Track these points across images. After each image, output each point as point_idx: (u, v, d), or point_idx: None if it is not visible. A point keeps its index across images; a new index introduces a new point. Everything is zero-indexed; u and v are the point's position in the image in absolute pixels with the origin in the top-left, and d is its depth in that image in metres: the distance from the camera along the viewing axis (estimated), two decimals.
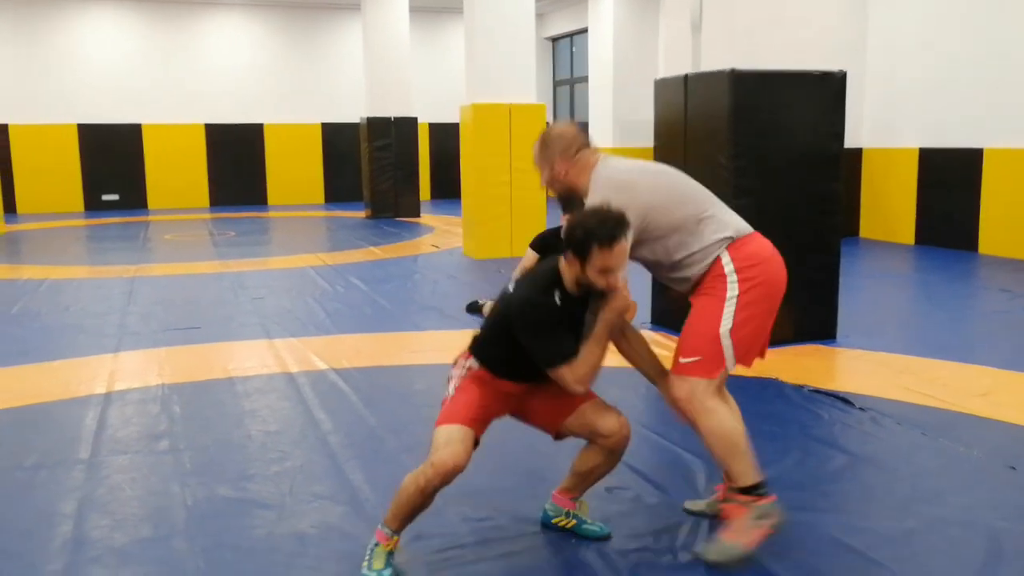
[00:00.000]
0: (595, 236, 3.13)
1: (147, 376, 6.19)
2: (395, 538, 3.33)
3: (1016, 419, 5.03)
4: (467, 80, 12.00)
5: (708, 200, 3.55)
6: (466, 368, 3.51)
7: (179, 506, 4.04)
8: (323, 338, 7.24)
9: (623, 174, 3.52)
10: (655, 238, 3.46)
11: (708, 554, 3.39)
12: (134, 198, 19.73)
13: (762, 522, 3.34)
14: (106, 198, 19.51)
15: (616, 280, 3.23)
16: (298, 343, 7.04)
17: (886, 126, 12.80)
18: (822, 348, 6.61)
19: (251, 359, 6.60)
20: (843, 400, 5.39)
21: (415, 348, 6.97)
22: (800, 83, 6.23)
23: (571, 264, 3.27)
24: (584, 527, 3.64)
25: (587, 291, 3.30)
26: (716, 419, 3.36)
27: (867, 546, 3.50)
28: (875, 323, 7.43)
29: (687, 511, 3.89)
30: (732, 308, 3.35)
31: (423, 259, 11.91)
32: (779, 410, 5.09)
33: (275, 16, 20.70)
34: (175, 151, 19.89)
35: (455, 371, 3.53)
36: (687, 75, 6.64)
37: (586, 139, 3.62)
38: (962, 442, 4.68)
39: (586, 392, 3.36)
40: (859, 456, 4.52)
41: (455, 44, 21.32)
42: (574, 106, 22.67)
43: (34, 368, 6.47)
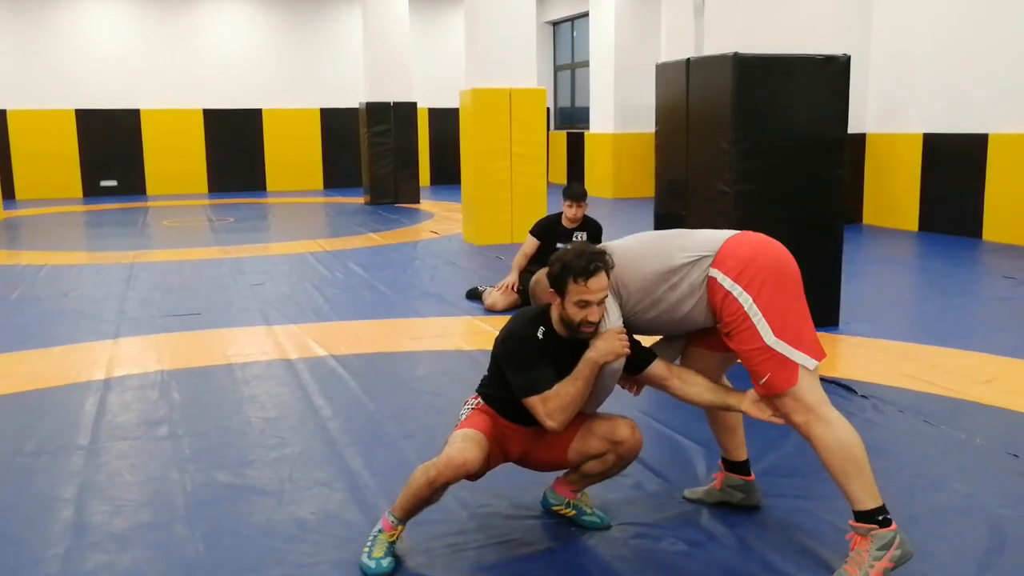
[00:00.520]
0: (570, 269, 3.23)
1: (146, 362, 6.17)
2: (399, 527, 3.34)
3: (1019, 406, 5.01)
4: (467, 64, 11.94)
5: (670, 236, 3.48)
6: (472, 406, 3.60)
7: (178, 492, 4.04)
8: (322, 324, 7.23)
9: None
10: (643, 298, 3.37)
11: None
12: (133, 184, 19.68)
13: (883, 554, 3.08)
14: (104, 184, 19.46)
15: (593, 314, 3.26)
16: (297, 329, 7.02)
17: (890, 111, 12.75)
18: (824, 335, 6.58)
19: (250, 345, 6.59)
20: (845, 387, 5.37)
21: (414, 334, 6.96)
22: (803, 67, 6.19)
23: (553, 301, 3.37)
24: (584, 517, 3.63)
25: (576, 334, 3.34)
26: (833, 432, 3.16)
27: None
28: (878, 310, 7.41)
29: (686, 499, 3.88)
30: (759, 315, 3.17)
31: (422, 245, 11.88)
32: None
33: (274, 0, 20.62)
34: (174, 137, 19.84)
35: (464, 409, 3.62)
36: (689, 59, 6.61)
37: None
38: (965, 429, 4.67)
39: (560, 429, 3.35)
40: None
41: (455, 28, 21.24)
42: (575, 91, 22.63)
43: (33, 354, 6.46)
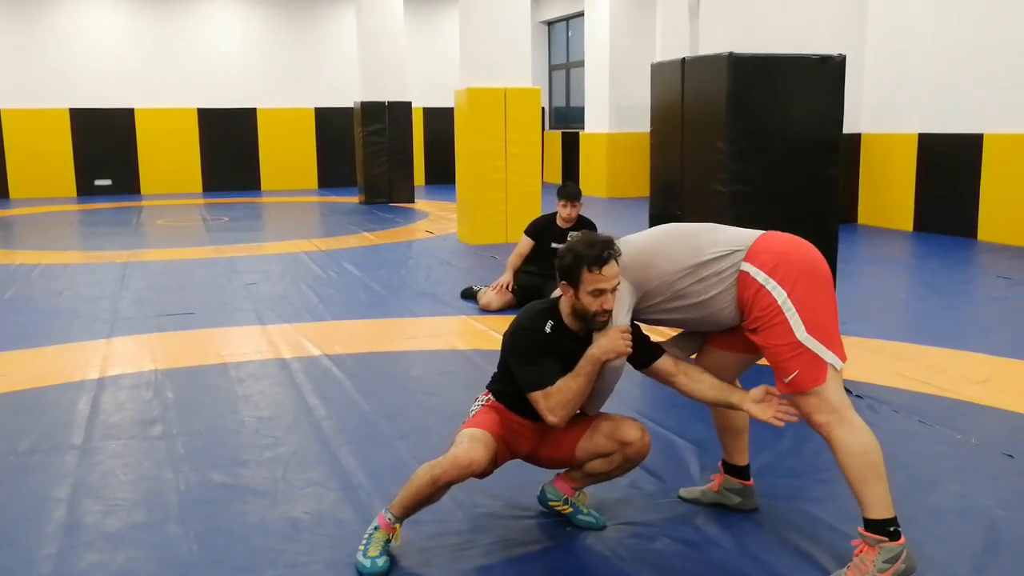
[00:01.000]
0: (584, 259, 3.24)
1: (140, 361, 6.16)
2: (397, 526, 3.34)
3: (1014, 406, 5.02)
4: (462, 64, 11.93)
5: (700, 230, 3.45)
6: (483, 402, 3.61)
7: (172, 491, 4.02)
8: (316, 324, 7.22)
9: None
10: (666, 290, 3.34)
11: None
12: (127, 183, 19.63)
13: (888, 567, 3.05)
14: (99, 183, 19.42)
15: (608, 302, 3.27)
16: (291, 329, 7.01)
17: (886, 111, 12.75)
18: None
19: (244, 345, 6.57)
20: None
21: (409, 334, 6.95)
22: (799, 67, 6.18)
23: (565, 293, 3.37)
24: (579, 517, 3.63)
25: (588, 327, 3.36)
26: (856, 435, 3.13)
27: None
28: (873, 310, 7.41)
29: (682, 499, 3.88)
30: (792, 310, 3.14)
31: (417, 245, 11.87)
32: None
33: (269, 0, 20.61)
34: (168, 136, 19.80)
35: (474, 406, 3.63)
36: (684, 59, 6.60)
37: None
38: (960, 430, 4.67)
39: (561, 424, 3.36)
40: None
41: (450, 27, 21.22)
42: (570, 91, 22.63)
43: (27, 353, 6.44)
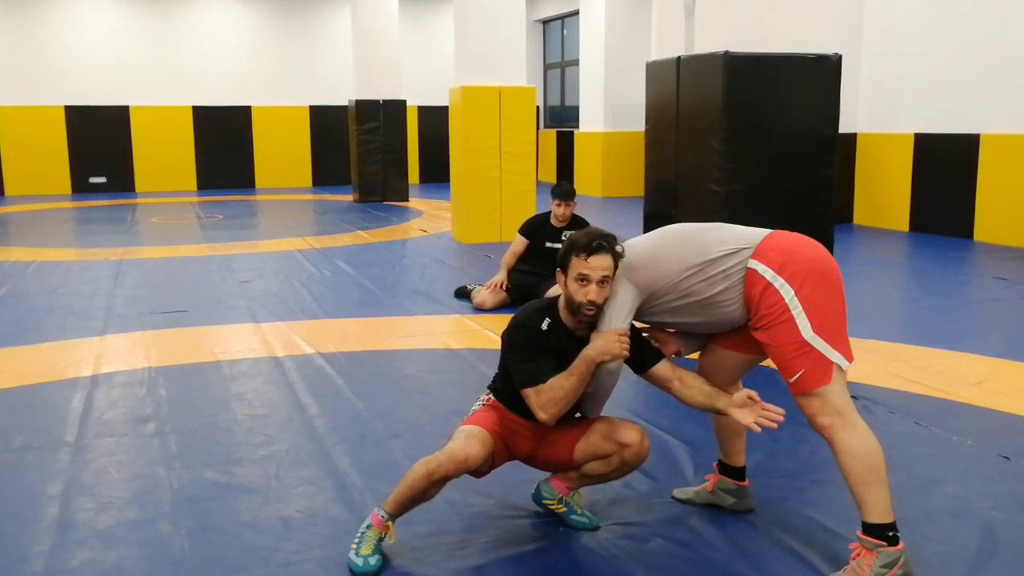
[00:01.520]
0: (575, 245, 3.28)
1: (134, 359, 6.14)
2: (390, 523, 3.32)
3: (1010, 408, 5.01)
4: (456, 62, 11.91)
5: (707, 229, 3.43)
6: (484, 401, 3.63)
7: (165, 489, 4.01)
8: (310, 322, 7.20)
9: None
10: (673, 289, 3.32)
11: None
12: (121, 181, 19.59)
13: (885, 572, 3.04)
14: (93, 180, 19.37)
15: (592, 294, 3.26)
16: (285, 327, 6.99)
17: (882, 111, 12.76)
18: None
19: (238, 343, 6.56)
20: None
21: (403, 333, 6.93)
22: (795, 66, 6.17)
23: (560, 281, 3.39)
24: (573, 517, 3.62)
25: (578, 316, 3.36)
26: (859, 438, 3.12)
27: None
28: (869, 311, 7.40)
29: (675, 499, 3.87)
30: (799, 309, 3.12)
31: (411, 243, 11.86)
32: (770, 397, 4.97)
33: None
34: (163, 133, 19.75)
35: (475, 405, 3.65)
36: (679, 58, 6.59)
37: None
38: (956, 431, 4.66)
39: (551, 422, 3.35)
40: None
41: (444, 26, 21.20)
42: (565, 90, 22.62)
43: (21, 350, 6.42)
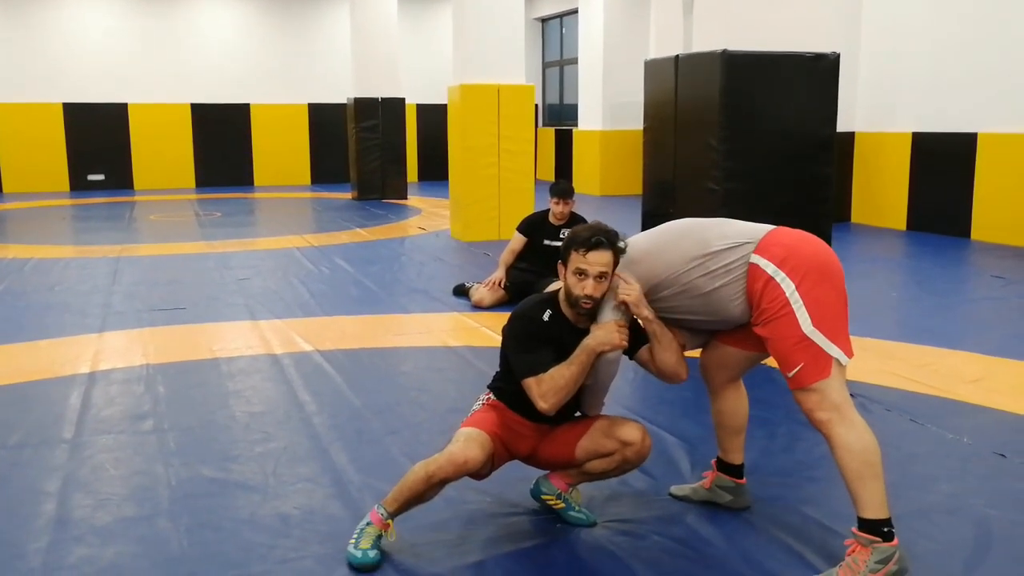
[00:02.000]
0: (576, 239, 3.32)
1: (132, 356, 6.15)
2: (389, 522, 3.33)
3: (1006, 406, 5.02)
4: (455, 60, 11.91)
5: (710, 224, 3.46)
6: (484, 401, 3.64)
7: (163, 486, 4.02)
8: (308, 319, 7.20)
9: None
10: (675, 282, 3.35)
11: None
12: (120, 178, 19.56)
13: (880, 568, 3.04)
14: (92, 178, 19.35)
15: (590, 288, 3.30)
16: (283, 324, 7.00)
17: (879, 110, 12.76)
18: None
19: (236, 340, 6.56)
20: None
21: (401, 330, 6.94)
22: (793, 65, 6.18)
23: (560, 274, 3.43)
24: (570, 513, 3.63)
25: (576, 309, 3.39)
26: (856, 433, 3.12)
27: None
28: (866, 309, 7.40)
29: (672, 496, 3.88)
30: (800, 303, 3.12)
31: (410, 241, 11.86)
32: (767, 395, 5.06)
33: None
34: (161, 131, 19.72)
35: (475, 405, 3.66)
36: (678, 56, 6.59)
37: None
38: (952, 429, 4.67)
39: (551, 411, 3.37)
40: None
41: (443, 24, 21.17)
42: (563, 88, 22.61)
43: (19, 347, 6.42)
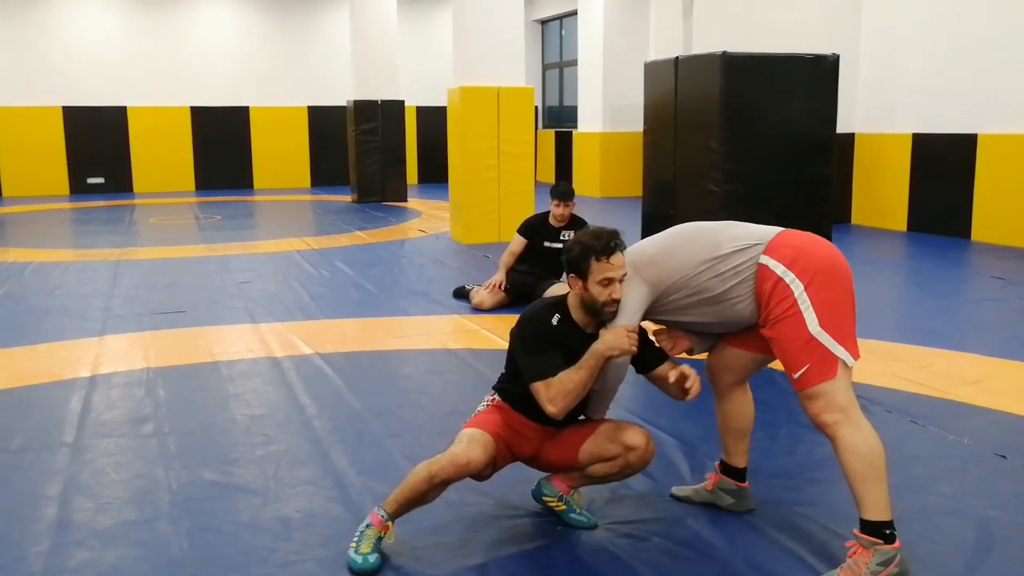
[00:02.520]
0: (592, 249, 3.29)
1: (132, 360, 6.14)
2: (389, 523, 3.33)
3: (1007, 407, 5.02)
4: (455, 63, 11.91)
5: (719, 227, 3.46)
6: (489, 402, 3.64)
7: (163, 490, 4.01)
8: (308, 322, 7.20)
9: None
10: (685, 286, 3.35)
11: None
12: (119, 181, 19.55)
13: (882, 569, 3.03)
14: (91, 181, 19.34)
15: (617, 292, 3.31)
16: (283, 327, 6.99)
17: (879, 111, 12.76)
18: None
19: (236, 343, 6.56)
20: None
21: (401, 333, 6.93)
22: (792, 67, 6.18)
23: (574, 286, 3.40)
24: (571, 515, 3.62)
25: (596, 319, 3.39)
26: (861, 436, 3.10)
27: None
28: (867, 310, 7.32)
29: (674, 497, 3.88)
30: (807, 303, 3.13)
31: (410, 243, 11.85)
32: (769, 397, 5.06)
33: None
34: (161, 134, 19.71)
35: (479, 406, 3.66)
36: (678, 58, 6.60)
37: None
38: (952, 430, 4.67)
39: (559, 415, 3.37)
40: None
41: (443, 26, 21.18)
42: (563, 90, 22.62)
43: (19, 351, 6.42)
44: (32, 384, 5.62)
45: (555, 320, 3.45)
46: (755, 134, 6.17)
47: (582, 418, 3.66)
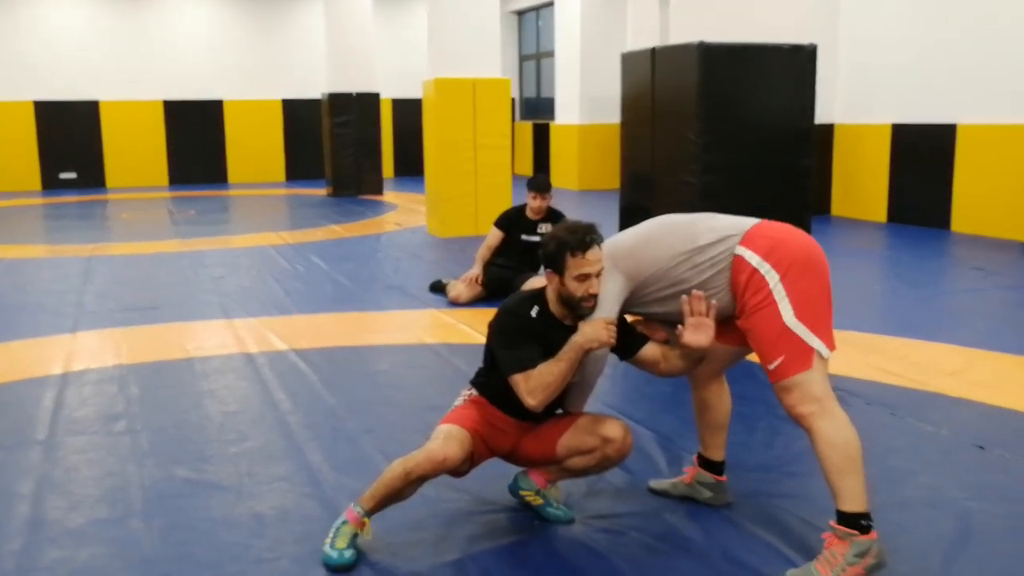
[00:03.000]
0: (567, 245, 3.26)
1: (105, 356, 6.08)
2: (366, 520, 3.30)
3: (986, 398, 5.03)
4: (430, 54, 11.84)
5: (696, 219, 3.46)
6: (466, 397, 3.61)
7: (136, 487, 3.97)
8: (283, 318, 7.15)
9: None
10: (663, 277, 3.35)
11: None
12: (92, 176, 19.41)
13: (859, 561, 3.01)
14: (63, 176, 19.19)
15: (594, 287, 3.29)
16: (257, 323, 6.94)
17: (858, 101, 12.78)
18: None
19: (210, 339, 6.50)
20: None
21: (376, 328, 6.89)
22: (770, 57, 6.17)
23: (551, 281, 3.38)
24: (549, 509, 3.60)
25: (574, 312, 3.37)
26: (837, 427, 3.09)
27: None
28: (845, 302, 7.35)
29: (651, 491, 3.87)
30: (783, 294, 3.12)
31: (386, 237, 11.81)
32: (746, 390, 5.03)
33: None
34: (133, 128, 19.58)
35: (456, 401, 3.62)
36: (655, 49, 6.57)
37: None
38: (931, 421, 4.67)
39: (539, 408, 3.34)
40: None
41: (418, 17, 21.07)
42: (540, 82, 22.59)
43: None
44: (4, 381, 5.55)
45: (534, 312, 3.42)
46: (733, 125, 6.15)
47: (560, 412, 3.63)
